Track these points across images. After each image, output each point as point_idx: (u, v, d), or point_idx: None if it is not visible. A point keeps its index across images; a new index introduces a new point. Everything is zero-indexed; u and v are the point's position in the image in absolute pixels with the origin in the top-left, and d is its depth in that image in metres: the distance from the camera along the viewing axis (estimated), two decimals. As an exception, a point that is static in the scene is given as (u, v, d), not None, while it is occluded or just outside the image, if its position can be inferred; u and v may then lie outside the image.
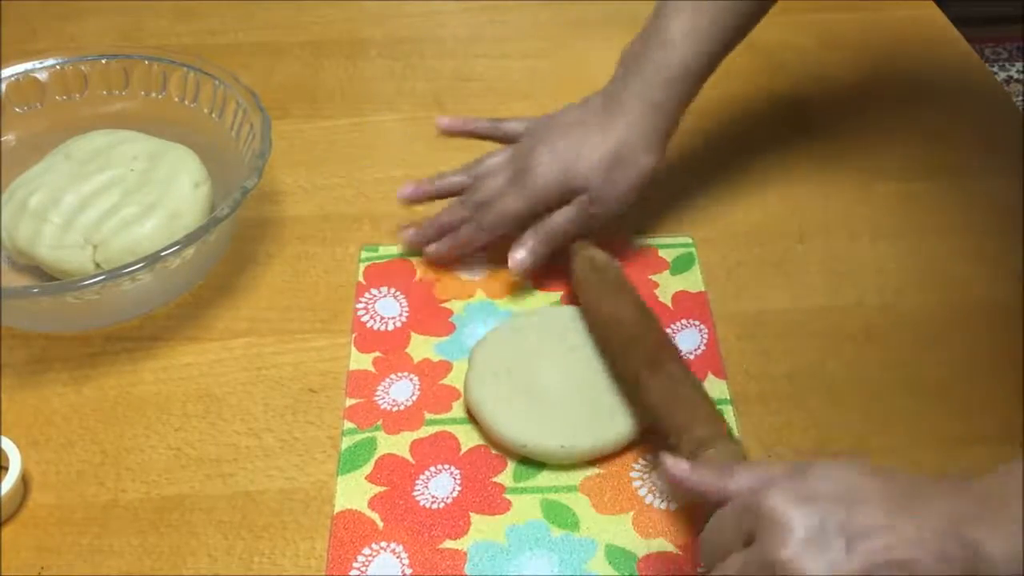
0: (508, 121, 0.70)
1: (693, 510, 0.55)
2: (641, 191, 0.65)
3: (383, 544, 0.54)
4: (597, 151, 0.63)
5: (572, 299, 0.66)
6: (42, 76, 0.75)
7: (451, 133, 0.71)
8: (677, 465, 0.48)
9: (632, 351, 0.58)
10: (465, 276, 0.69)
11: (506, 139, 0.70)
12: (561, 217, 0.64)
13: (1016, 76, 2.13)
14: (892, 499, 0.42)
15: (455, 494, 0.56)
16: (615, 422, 0.58)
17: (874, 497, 0.42)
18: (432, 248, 0.68)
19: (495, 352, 0.62)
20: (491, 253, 0.69)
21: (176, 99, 0.75)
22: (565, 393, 0.59)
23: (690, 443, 0.52)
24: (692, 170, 0.77)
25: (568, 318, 0.64)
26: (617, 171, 0.63)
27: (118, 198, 0.67)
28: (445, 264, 0.69)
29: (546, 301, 0.67)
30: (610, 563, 0.53)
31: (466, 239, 0.67)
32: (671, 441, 0.54)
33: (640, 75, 0.64)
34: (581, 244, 0.65)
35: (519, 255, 0.65)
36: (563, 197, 0.65)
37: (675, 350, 0.58)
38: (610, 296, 0.62)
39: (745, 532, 0.43)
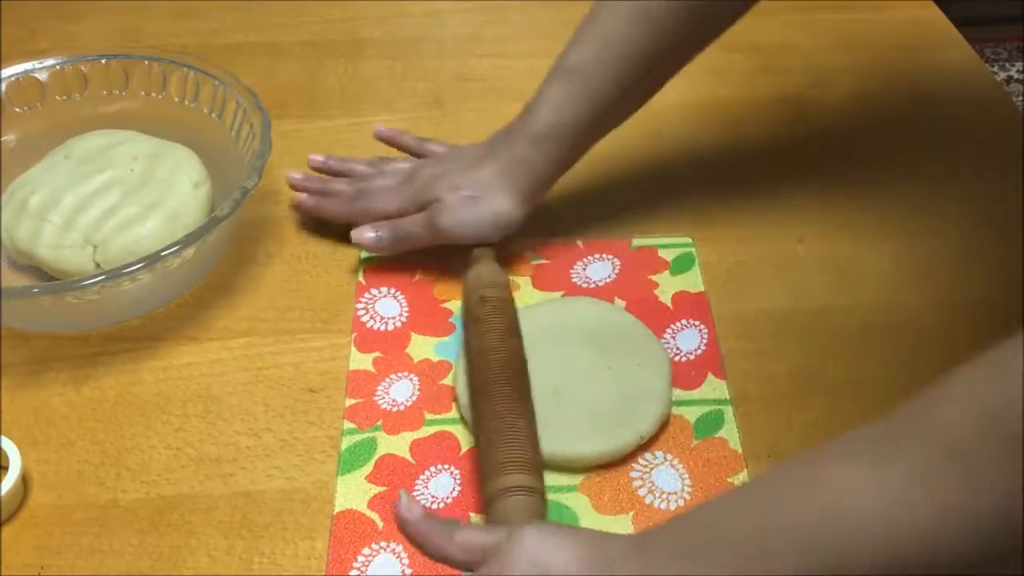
0: (432, 143, 0.74)
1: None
2: (497, 231, 0.66)
3: (383, 544, 0.54)
4: (459, 176, 0.66)
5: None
6: (42, 76, 0.75)
7: (380, 139, 0.75)
8: (410, 507, 0.52)
9: (483, 377, 0.58)
10: (465, 276, 0.69)
11: (421, 156, 0.73)
12: (410, 220, 0.67)
13: (1016, 76, 2.13)
14: (587, 569, 0.45)
15: (455, 494, 0.56)
16: (617, 430, 0.57)
17: (571, 569, 0.45)
18: (303, 198, 0.71)
19: None
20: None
21: (176, 99, 0.75)
22: (563, 396, 0.59)
23: (489, 489, 0.53)
24: (692, 170, 0.77)
25: (563, 313, 0.64)
26: (471, 203, 0.65)
27: (118, 198, 0.67)
28: (307, 214, 0.72)
29: (545, 301, 0.67)
30: (610, 563, 0.53)
31: (328, 206, 0.71)
32: (481, 480, 0.55)
33: (513, 134, 0.66)
34: (479, 252, 0.66)
35: (367, 233, 0.67)
36: (420, 208, 0.67)
37: (521, 389, 0.58)
38: (468, 319, 0.62)
39: None
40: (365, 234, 0.67)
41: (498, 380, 0.57)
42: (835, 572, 0.39)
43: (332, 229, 0.72)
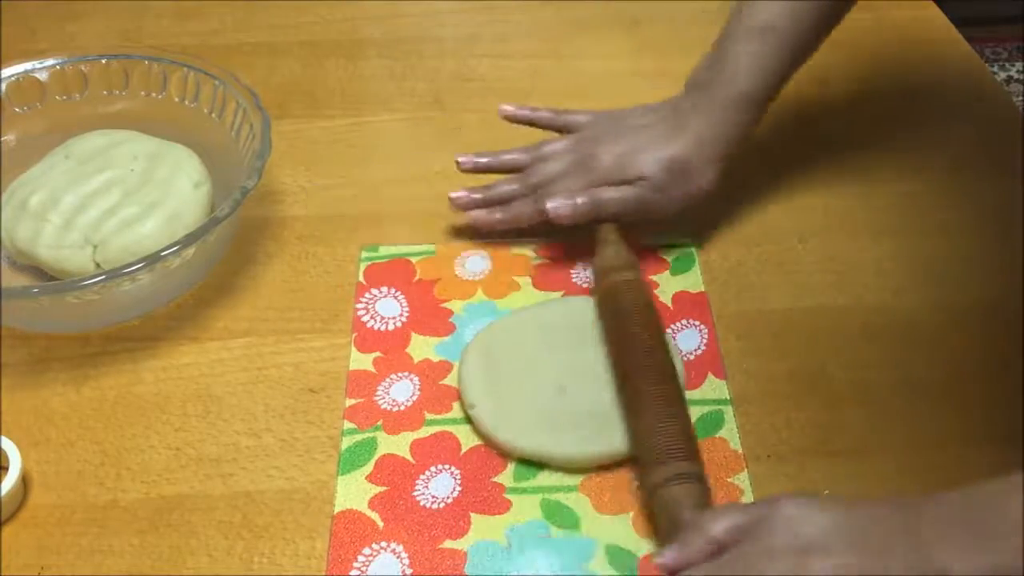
0: (570, 113, 0.72)
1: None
2: (689, 205, 0.66)
3: (383, 544, 0.54)
4: (663, 150, 0.65)
5: (593, 287, 0.66)
6: (42, 76, 0.75)
7: (513, 120, 0.73)
8: (663, 555, 0.49)
9: (631, 365, 0.58)
10: (465, 276, 0.69)
11: (566, 130, 0.72)
12: (612, 191, 0.65)
13: (1016, 76, 2.13)
14: (853, 538, 0.44)
15: (455, 494, 0.56)
16: (619, 431, 0.57)
17: (834, 539, 0.44)
18: (481, 213, 0.69)
19: (489, 352, 0.62)
20: (492, 253, 0.70)
21: (176, 99, 0.75)
22: (565, 397, 0.59)
23: (653, 478, 0.53)
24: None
25: (565, 313, 0.64)
26: (678, 176, 0.65)
27: (118, 198, 0.67)
28: (487, 232, 0.70)
29: (545, 301, 0.67)
30: (610, 563, 0.53)
31: (518, 213, 0.68)
32: (640, 469, 0.55)
33: (705, 100, 0.66)
34: (609, 228, 0.66)
35: (561, 201, 0.65)
36: (621, 183, 0.66)
37: (670, 375, 0.58)
38: (626, 296, 0.61)
39: None
40: (558, 202, 0.64)
41: (647, 368, 0.57)
42: None
43: (332, 229, 0.72)
